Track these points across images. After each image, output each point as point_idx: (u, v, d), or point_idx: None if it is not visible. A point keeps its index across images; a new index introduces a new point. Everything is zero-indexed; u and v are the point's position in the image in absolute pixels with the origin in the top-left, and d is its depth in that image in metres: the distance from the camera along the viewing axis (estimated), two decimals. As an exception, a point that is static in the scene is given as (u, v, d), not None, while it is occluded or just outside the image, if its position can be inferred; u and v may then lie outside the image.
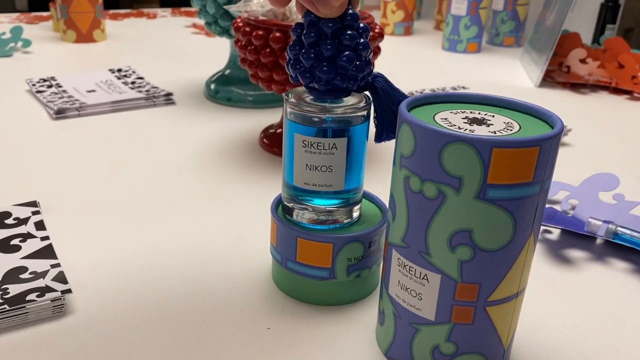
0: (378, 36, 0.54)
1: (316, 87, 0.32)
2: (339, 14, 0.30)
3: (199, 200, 0.48)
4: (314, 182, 0.33)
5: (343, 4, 0.30)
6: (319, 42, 0.31)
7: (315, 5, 0.30)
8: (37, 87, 0.71)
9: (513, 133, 0.26)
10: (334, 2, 0.30)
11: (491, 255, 0.26)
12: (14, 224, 0.41)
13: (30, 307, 0.32)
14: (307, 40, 0.31)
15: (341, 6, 0.30)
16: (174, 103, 0.71)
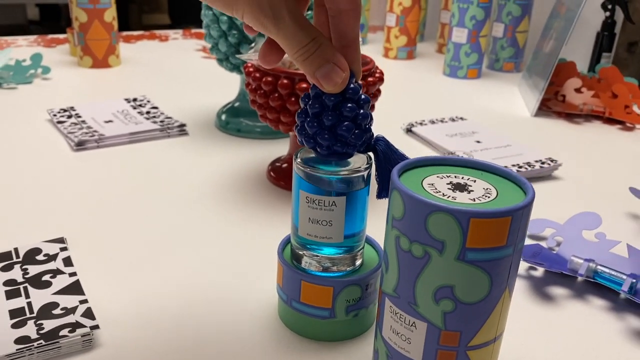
0: (378, 80, 0.58)
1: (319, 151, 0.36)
2: (342, 90, 0.34)
3: (210, 234, 0.52)
4: (315, 234, 0.37)
5: (344, 82, 0.34)
6: (322, 112, 0.35)
7: (321, 83, 0.34)
8: (57, 118, 0.76)
9: (490, 200, 0.30)
10: (336, 82, 0.34)
11: (470, 307, 0.30)
12: (44, 260, 0.45)
13: (63, 342, 0.36)
14: (312, 110, 0.35)
15: (342, 84, 0.34)
16: (187, 134, 0.75)
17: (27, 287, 0.42)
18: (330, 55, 0.34)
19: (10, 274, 0.43)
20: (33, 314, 0.39)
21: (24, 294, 0.41)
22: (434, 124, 0.81)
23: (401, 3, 1.20)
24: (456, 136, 0.76)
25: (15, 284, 0.42)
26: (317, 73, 0.34)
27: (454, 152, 0.71)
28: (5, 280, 0.42)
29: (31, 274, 0.43)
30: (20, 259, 0.45)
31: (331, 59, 0.34)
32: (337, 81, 0.34)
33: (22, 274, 0.43)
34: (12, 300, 0.40)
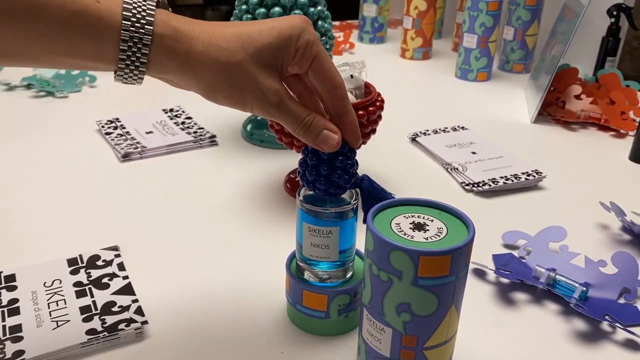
0: (378, 109, 0.67)
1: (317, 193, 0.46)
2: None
3: (233, 240, 0.63)
4: (316, 255, 0.47)
5: (338, 143, 0.44)
6: (319, 164, 0.45)
7: (321, 147, 0.44)
8: (105, 129, 0.87)
9: (440, 239, 0.40)
10: (332, 144, 0.43)
11: (423, 319, 0.40)
12: (102, 265, 0.57)
13: (121, 334, 0.48)
14: (310, 162, 0.45)
15: (337, 145, 0.44)
16: (217, 144, 0.86)
17: (91, 288, 0.53)
18: (323, 124, 0.44)
19: (77, 276, 0.55)
20: (97, 311, 0.50)
21: (89, 293, 0.53)
22: (436, 133, 0.89)
23: (417, 7, 1.27)
24: (455, 147, 0.84)
25: (82, 285, 0.54)
26: (316, 140, 0.44)
27: (451, 163, 0.80)
28: (74, 282, 0.54)
29: (93, 277, 0.55)
30: (84, 264, 0.57)
31: (324, 126, 0.44)
32: (333, 144, 0.44)
33: (86, 277, 0.55)
34: (81, 299, 0.52)
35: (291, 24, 0.42)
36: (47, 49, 0.37)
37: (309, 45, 0.42)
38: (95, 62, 0.39)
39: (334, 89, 0.44)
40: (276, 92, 0.42)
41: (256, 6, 0.77)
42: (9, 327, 0.48)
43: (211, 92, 0.42)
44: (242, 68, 0.41)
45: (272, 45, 0.41)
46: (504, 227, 0.65)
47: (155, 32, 0.38)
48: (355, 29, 1.56)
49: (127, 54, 0.38)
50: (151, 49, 0.38)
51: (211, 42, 0.40)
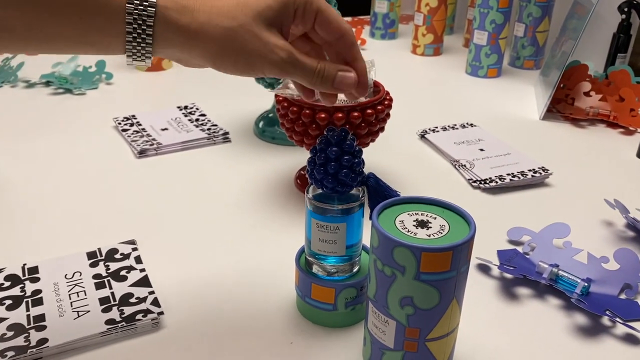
0: (387, 107, 0.69)
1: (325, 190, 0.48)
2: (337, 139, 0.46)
3: (245, 234, 0.65)
4: (324, 250, 0.49)
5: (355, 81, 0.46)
6: (326, 163, 0.46)
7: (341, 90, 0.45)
8: (122, 126, 0.90)
9: (442, 236, 0.41)
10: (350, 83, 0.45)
11: (426, 312, 0.42)
12: (120, 258, 0.59)
13: (139, 324, 0.50)
14: (319, 161, 0.47)
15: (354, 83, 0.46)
16: (230, 141, 0.88)
17: (109, 280, 0.56)
18: (335, 67, 0.45)
19: (96, 269, 0.57)
20: (116, 302, 0.53)
21: (108, 285, 0.55)
22: (445, 130, 0.91)
23: (428, 4, 1.28)
24: (463, 144, 0.86)
25: (101, 277, 0.56)
26: (335, 84, 0.45)
27: (459, 160, 0.81)
28: (94, 274, 0.57)
29: (112, 269, 0.57)
30: (102, 257, 0.59)
31: (337, 69, 0.45)
32: (350, 82, 0.45)
33: (105, 269, 0.57)
34: (100, 290, 0.54)
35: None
36: (47, 26, 0.38)
37: (308, 3, 0.43)
38: (102, 39, 0.40)
39: (342, 36, 0.45)
40: (284, 48, 0.43)
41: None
42: (33, 316, 0.51)
43: (219, 60, 0.42)
44: (245, 30, 0.41)
45: (271, 7, 0.42)
46: (509, 223, 0.67)
47: (159, 5, 0.40)
48: (367, 25, 1.57)
49: (133, 26, 0.39)
50: (155, 22, 0.39)
51: (212, 11, 0.41)
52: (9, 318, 0.50)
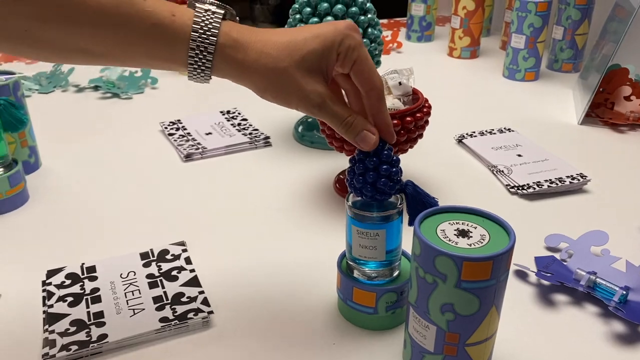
0: (426, 114, 0.70)
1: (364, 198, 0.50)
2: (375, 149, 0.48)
3: (289, 237, 0.67)
4: (364, 255, 0.51)
5: (376, 142, 0.48)
6: (365, 173, 0.48)
7: (359, 145, 0.48)
8: (168, 130, 0.94)
9: (482, 246, 0.43)
10: (370, 143, 0.48)
11: (466, 318, 0.43)
12: (171, 259, 0.62)
13: (190, 322, 0.53)
14: (357, 171, 0.49)
15: (375, 143, 0.48)
16: (271, 145, 0.91)
17: (162, 279, 0.59)
18: (362, 124, 0.48)
19: (149, 269, 0.61)
20: (168, 301, 0.56)
21: (161, 285, 0.58)
22: (483, 135, 0.92)
23: (465, 7, 1.28)
24: (500, 149, 0.86)
25: (153, 277, 0.60)
26: (356, 138, 0.48)
27: (496, 165, 0.82)
28: (147, 274, 0.60)
29: (164, 269, 0.61)
30: (155, 257, 0.63)
31: (364, 127, 0.48)
32: (370, 143, 0.48)
33: (157, 269, 0.61)
34: (154, 289, 0.58)
35: (335, 30, 0.47)
36: (131, 52, 0.45)
37: (350, 50, 0.47)
38: (170, 64, 0.46)
39: (371, 90, 0.48)
40: (318, 95, 0.47)
41: (309, 16, 0.81)
42: (93, 313, 0.54)
43: (262, 93, 0.48)
44: (287, 74, 0.46)
45: (316, 51, 0.46)
46: (547, 230, 0.68)
47: (218, 43, 0.45)
48: (403, 27, 1.58)
49: (195, 59, 0.45)
50: (214, 56, 0.45)
51: (263, 50, 0.46)
52: (70, 314, 0.54)
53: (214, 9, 0.46)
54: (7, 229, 0.69)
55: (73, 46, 0.44)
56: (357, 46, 0.47)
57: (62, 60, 0.48)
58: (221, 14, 0.46)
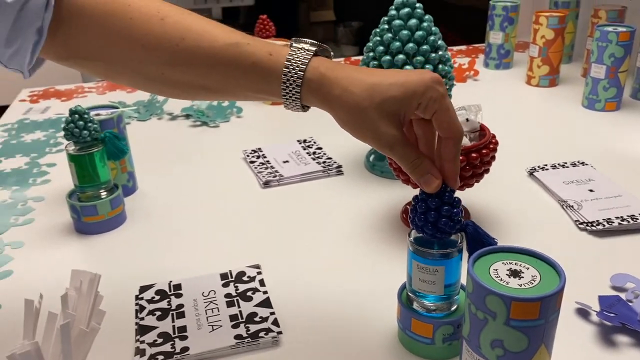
0: (492, 150, 0.72)
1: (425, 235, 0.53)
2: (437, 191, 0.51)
3: (355, 265, 0.72)
4: (423, 289, 0.54)
5: (438, 185, 0.51)
6: (427, 212, 0.52)
7: (423, 186, 0.51)
8: (250, 158, 1.01)
9: (532, 287, 0.45)
10: (433, 186, 0.51)
11: (515, 355, 0.46)
12: (247, 280, 0.68)
13: (261, 341, 0.59)
14: (419, 210, 0.52)
15: (437, 186, 0.51)
16: (343, 174, 0.96)
17: (238, 299, 0.65)
18: (428, 168, 0.52)
19: (228, 289, 0.67)
20: (243, 319, 0.62)
21: (237, 304, 0.64)
22: (555, 169, 0.92)
23: (544, 36, 1.28)
24: (572, 184, 0.86)
25: (231, 296, 0.66)
26: (420, 180, 0.52)
27: (566, 200, 0.82)
28: (225, 293, 0.66)
29: (240, 290, 0.67)
30: (233, 278, 0.69)
31: (429, 170, 0.52)
32: (433, 186, 0.52)
33: (234, 289, 0.67)
34: (231, 308, 0.64)
35: (420, 81, 0.50)
36: (238, 87, 0.54)
37: (431, 101, 0.50)
38: (269, 96, 0.54)
39: (449, 138, 0.51)
40: (391, 137, 0.51)
41: (382, 54, 0.85)
42: (177, 327, 0.61)
43: (342, 124, 0.53)
44: (366, 114, 0.51)
45: (397, 98, 0.50)
46: (615, 268, 0.67)
47: (305, 77, 0.51)
48: (482, 54, 1.58)
49: (286, 91, 0.52)
50: (302, 88, 0.51)
51: (347, 88, 0.51)
52: (158, 327, 0.61)
53: (307, 47, 0.52)
54: (107, 247, 0.78)
55: (195, 84, 0.54)
56: (439, 98, 0.50)
57: (188, 97, 0.58)
58: (312, 51, 0.52)
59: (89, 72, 0.58)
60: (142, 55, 0.53)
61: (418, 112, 0.51)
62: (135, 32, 0.52)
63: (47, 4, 0.51)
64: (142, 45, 0.52)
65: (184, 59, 0.53)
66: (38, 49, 0.52)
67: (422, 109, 0.50)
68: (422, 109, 0.50)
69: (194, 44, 0.52)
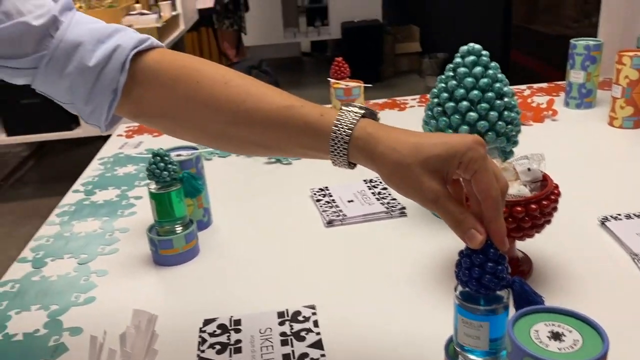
0: (553, 202, 0.71)
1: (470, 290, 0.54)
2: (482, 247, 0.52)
3: (408, 308, 0.72)
4: (468, 343, 0.55)
5: (482, 241, 0.52)
6: (471, 268, 0.53)
7: (467, 242, 0.52)
8: (316, 196, 1.05)
9: (573, 352, 0.45)
10: (477, 242, 0.52)
11: (554, 420, 0.45)
12: (302, 320, 0.71)
13: (310, 381, 0.61)
14: (464, 265, 0.53)
15: (481, 242, 0.52)
16: (406, 215, 0.97)
17: (292, 339, 0.68)
18: (472, 223, 0.53)
19: (283, 328, 0.70)
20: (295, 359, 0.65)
21: (290, 343, 0.67)
22: (629, 219, 0.88)
23: (627, 76, 1.23)
24: (646, 236, 0.82)
25: (286, 335, 0.69)
26: (464, 236, 0.53)
27: (638, 254, 0.78)
28: (281, 332, 0.70)
29: (294, 329, 0.70)
30: (289, 317, 0.72)
31: (473, 226, 0.52)
32: (477, 242, 0.52)
33: (289, 329, 0.70)
34: (284, 347, 0.67)
35: (461, 142, 0.52)
36: (290, 144, 0.59)
37: (471, 162, 0.52)
38: (318, 153, 0.58)
39: (486, 199, 0.52)
40: (435, 191, 0.53)
41: (446, 100, 0.87)
42: (234, 361, 0.65)
43: (387, 181, 0.56)
44: (410, 170, 0.53)
45: (439, 156, 0.52)
46: (685, 332, 0.64)
47: (353, 135, 0.55)
48: (562, 92, 1.54)
49: (334, 148, 0.55)
50: (349, 146, 0.55)
51: (391, 146, 0.54)
52: (217, 360, 0.66)
53: (356, 110, 0.56)
54: (179, 279, 0.84)
55: (252, 141, 0.60)
56: (479, 159, 0.52)
57: (245, 152, 0.65)
58: (361, 114, 0.56)
59: (157, 128, 0.65)
60: (207, 115, 0.59)
61: (459, 171, 0.52)
62: (202, 94, 0.58)
63: (122, 68, 0.58)
64: (207, 106, 0.58)
65: (244, 119, 0.58)
66: (113, 106, 0.60)
67: (463, 168, 0.52)
68: (463, 168, 0.52)
69: (254, 106, 0.58)
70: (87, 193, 1.16)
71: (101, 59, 0.59)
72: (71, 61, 0.59)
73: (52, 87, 0.61)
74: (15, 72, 0.59)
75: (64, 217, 1.06)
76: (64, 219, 1.05)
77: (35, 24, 0.57)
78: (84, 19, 0.61)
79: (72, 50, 0.59)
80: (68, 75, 0.59)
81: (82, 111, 0.61)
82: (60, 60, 0.59)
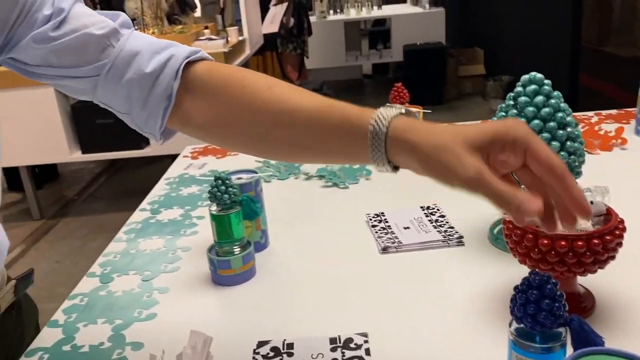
0: (617, 237, 0.69)
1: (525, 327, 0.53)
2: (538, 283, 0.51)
3: (462, 340, 0.71)
4: (520, 380, 0.53)
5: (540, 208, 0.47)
6: (526, 304, 0.52)
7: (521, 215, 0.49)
8: (372, 222, 1.05)
9: (633, 398, 0.43)
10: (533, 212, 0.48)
11: None
12: (354, 347, 0.72)
13: (360, 410, 0.61)
14: (519, 301, 0.52)
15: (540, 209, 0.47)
16: (464, 244, 0.96)
17: (343, 366, 0.69)
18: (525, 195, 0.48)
19: (334, 354, 0.71)
20: (345, 387, 0.65)
21: (341, 370, 0.68)
22: (703, 256, 0.83)
23: None
24: None
25: (337, 362, 0.69)
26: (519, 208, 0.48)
27: None
28: (332, 358, 0.70)
29: (346, 356, 0.70)
30: (341, 344, 0.73)
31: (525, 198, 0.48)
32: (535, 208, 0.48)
33: (341, 355, 0.70)
34: (334, 373, 0.67)
35: (500, 123, 0.52)
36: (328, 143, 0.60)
37: (518, 140, 0.50)
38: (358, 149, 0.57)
39: (552, 170, 0.50)
40: (476, 167, 0.50)
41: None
42: (285, 385, 0.66)
43: (422, 166, 0.53)
44: (446, 147, 0.52)
45: (478, 136, 0.52)
46: None
47: (391, 125, 0.54)
48: (633, 119, 1.48)
49: (372, 142, 0.55)
50: (386, 136, 0.54)
51: (429, 132, 0.54)
52: (268, 382, 0.67)
53: (397, 108, 0.56)
54: (236, 299, 0.87)
55: (293, 142, 0.62)
56: (525, 135, 0.50)
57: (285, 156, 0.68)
58: (401, 111, 0.56)
59: (204, 138, 0.68)
60: (251, 117, 0.62)
61: (508, 155, 0.51)
62: (246, 97, 0.63)
63: (176, 75, 0.64)
64: (251, 108, 0.62)
65: (287, 119, 0.61)
66: (167, 112, 0.65)
67: (510, 150, 0.51)
68: (511, 150, 0.51)
69: (296, 106, 0.61)
70: (153, 212, 1.21)
71: (157, 67, 0.64)
72: (130, 68, 0.64)
73: (111, 95, 0.66)
74: (79, 82, 0.65)
75: (130, 234, 1.11)
76: (131, 236, 1.10)
77: (98, 33, 0.63)
78: (141, 34, 0.68)
79: (131, 58, 0.64)
80: (127, 82, 0.64)
81: (138, 118, 0.66)
82: (120, 67, 0.64)
